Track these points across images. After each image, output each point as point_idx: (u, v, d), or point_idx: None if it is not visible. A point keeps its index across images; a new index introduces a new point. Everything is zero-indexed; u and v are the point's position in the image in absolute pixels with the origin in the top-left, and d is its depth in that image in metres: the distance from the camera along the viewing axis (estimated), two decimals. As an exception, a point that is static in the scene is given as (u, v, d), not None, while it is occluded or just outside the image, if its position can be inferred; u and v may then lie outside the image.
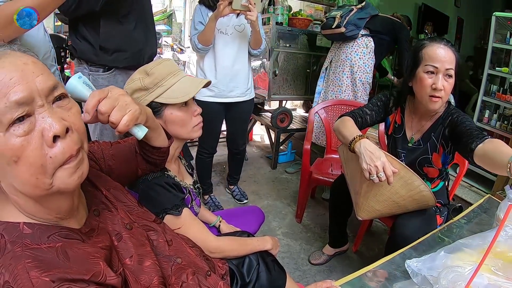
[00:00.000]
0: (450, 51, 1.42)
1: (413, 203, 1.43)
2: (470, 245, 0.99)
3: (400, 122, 1.68)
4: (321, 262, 2.21)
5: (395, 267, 1.03)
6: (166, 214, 1.14)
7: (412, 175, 1.35)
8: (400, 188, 1.38)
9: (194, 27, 2.32)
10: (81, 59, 1.74)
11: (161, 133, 1.02)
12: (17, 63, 0.57)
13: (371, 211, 1.48)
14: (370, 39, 2.94)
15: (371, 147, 1.34)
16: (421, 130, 1.60)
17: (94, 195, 0.83)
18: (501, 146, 1.16)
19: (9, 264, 0.54)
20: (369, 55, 2.95)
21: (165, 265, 0.88)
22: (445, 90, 1.42)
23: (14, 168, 0.56)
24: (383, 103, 1.71)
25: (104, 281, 0.63)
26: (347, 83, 3.05)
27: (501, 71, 2.94)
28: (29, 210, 0.62)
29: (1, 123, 0.53)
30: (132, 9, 1.75)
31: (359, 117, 1.66)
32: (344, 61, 3.02)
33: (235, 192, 3.07)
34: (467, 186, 2.95)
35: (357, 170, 1.41)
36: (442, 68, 1.40)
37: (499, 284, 0.80)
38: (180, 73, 1.22)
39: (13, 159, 0.55)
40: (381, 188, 1.39)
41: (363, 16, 2.88)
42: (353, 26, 2.87)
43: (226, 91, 2.43)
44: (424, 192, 1.38)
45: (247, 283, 1.22)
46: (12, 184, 0.59)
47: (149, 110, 0.90)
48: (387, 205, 1.44)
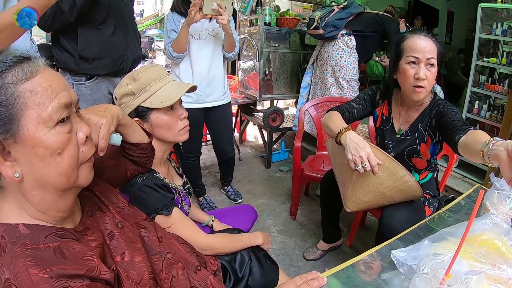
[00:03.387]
0: (431, 41, 1.45)
1: (400, 194, 1.45)
2: (454, 234, 1.00)
3: (388, 114, 1.71)
4: (316, 258, 2.23)
5: (382, 258, 1.04)
6: (156, 214, 1.16)
7: (397, 166, 1.37)
8: (386, 178, 1.40)
9: (168, 35, 2.30)
10: (64, 69, 1.76)
11: (136, 129, 1.05)
12: (57, 74, 0.68)
13: (359, 203, 1.51)
14: (351, 37, 2.96)
15: (356, 139, 1.37)
16: (409, 121, 1.63)
17: (87, 196, 0.88)
18: (479, 135, 1.17)
19: (9, 263, 0.59)
20: (351, 53, 2.99)
21: (156, 260, 0.92)
22: (427, 79, 1.45)
23: (55, 160, 0.65)
24: (370, 96, 1.75)
25: (98, 275, 0.67)
26: (331, 81, 3.11)
27: (489, 62, 2.96)
28: (40, 208, 0.68)
29: (52, 120, 0.64)
30: (109, 16, 1.77)
31: (346, 111, 1.69)
32: (327, 60, 3.09)
33: (230, 192, 3.08)
34: (459, 177, 2.97)
35: (344, 162, 1.43)
36: (423, 58, 1.43)
37: (483, 270, 0.81)
38: (167, 78, 1.24)
39: (59, 151, 0.65)
40: (367, 179, 1.41)
41: (343, 16, 2.92)
42: (332, 27, 2.91)
43: (204, 96, 2.42)
44: (410, 182, 1.39)
45: (240, 278, 1.23)
46: (42, 178, 0.66)
47: (117, 109, 0.93)
48: (374, 196, 1.46)
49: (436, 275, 0.76)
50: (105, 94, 1.88)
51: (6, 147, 0.62)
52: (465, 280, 0.75)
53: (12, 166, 0.63)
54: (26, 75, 0.62)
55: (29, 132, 0.62)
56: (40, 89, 0.62)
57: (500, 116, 2.84)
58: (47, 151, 0.64)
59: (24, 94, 0.61)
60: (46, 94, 0.63)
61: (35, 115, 0.62)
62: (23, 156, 0.63)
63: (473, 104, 3.06)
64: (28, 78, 0.62)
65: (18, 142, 0.62)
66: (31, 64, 0.63)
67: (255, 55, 3.62)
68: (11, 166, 0.63)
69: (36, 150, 0.63)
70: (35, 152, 0.63)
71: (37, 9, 1.13)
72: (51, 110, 0.63)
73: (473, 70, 3.04)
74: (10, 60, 0.62)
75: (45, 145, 0.63)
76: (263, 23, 3.50)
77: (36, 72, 0.63)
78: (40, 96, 0.62)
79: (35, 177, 0.65)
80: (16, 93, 0.60)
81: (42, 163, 0.64)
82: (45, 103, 0.62)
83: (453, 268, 0.75)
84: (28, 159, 0.63)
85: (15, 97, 0.60)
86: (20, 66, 0.62)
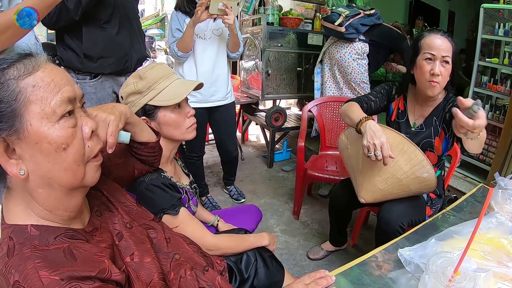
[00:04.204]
0: (447, 41, 1.52)
1: (416, 182, 1.48)
2: (461, 232, 1.01)
3: (403, 108, 1.76)
4: (320, 257, 2.24)
5: (389, 257, 1.05)
6: (164, 214, 1.16)
7: (415, 149, 1.42)
8: (404, 163, 1.44)
9: (172, 34, 2.31)
10: (68, 67, 1.76)
11: (144, 128, 1.06)
12: (59, 69, 0.68)
13: (374, 191, 1.53)
14: (366, 44, 2.96)
15: (376, 127, 1.42)
16: (423, 115, 1.68)
17: (95, 196, 0.87)
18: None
19: (18, 265, 0.58)
20: (363, 57, 2.98)
21: (164, 261, 0.92)
22: (442, 75, 1.51)
23: (60, 155, 0.65)
24: (386, 91, 1.81)
25: (109, 277, 0.67)
26: (343, 82, 3.10)
27: (491, 62, 2.96)
28: (46, 207, 0.68)
29: (55, 114, 0.63)
30: (113, 15, 1.77)
31: (364, 103, 1.76)
32: (338, 60, 3.04)
33: (233, 192, 3.08)
34: (461, 176, 2.97)
35: (362, 152, 1.46)
36: (438, 55, 1.50)
37: (489, 268, 0.82)
38: (173, 76, 1.24)
39: (63, 146, 0.64)
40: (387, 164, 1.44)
41: (366, 22, 2.92)
42: (354, 30, 2.89)
43: (208, 95, 2.43)
44: (427, 167, 1.43)
45: (245, 279, 1.24)
46: (47, 175, 0.65)
47: (125, 108, 0.94)
48: (390, 183, 1.49)
49: (445, 273, 0.77)
50: (110, 93, 1.89)
51: (10, 144, 0.62)
52: (473, 278, 0.76)
53: (17, 164, 0.63)
54: (28, 70, 0.61)
55: (33, 127, 0.61)
56: (42, 84, 0.62)
57: (502, 116, 2.84)
58: (52, 146, 0.63)
59: (26, 89, 0.60)
60: (49, 88, 0.62)
61: (38, 110, 0.61)
62: (28, 152, 0.62)
63: (475, 104, 3.06)
64: (30, 73, 0.61)
65: (22, 139, 0.61)
66: (33, 59, 0.63)
67: (257, 55, 3.63)
68: (16, 164, 0.62)
69: (41, 146, 0.62)
70: (39, 148, 0.62)
71: (43, 7, 1.13)
72: (55, 104, 0.62)
73: (475, 71, 3.05)
74: (12, 57, 0.62)
75: (49, 140, 0.62)
76: (266, 23, 3.50)
77: (38, 67, 0.63)
78: (43, 91, 0.62)
79: (41, 174, 0.65)
80: (18, 88, 0.60)
81: (47, 159, 0.64)
82: (48, 97, 0.62)
83: (461, 265, 0.76)
84: (32, 156, 0.63)
85: (17, 93, 0.59)
86: (22, 62, 0.62)
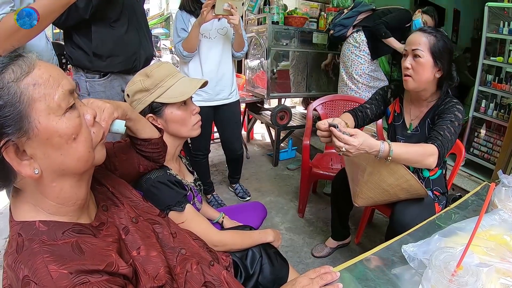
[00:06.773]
0: (422, 35, 1.51)
1: (403, 191, 1.49)
2: (464, 229, 1.01)
3: (399, 110, 1.75)
4: (324, 255, 2.25)
5: (392, 253, 1.05)
6: (170, 210, 1.18)
7: (396, 164, 1.41)
8: (387, 176, 1.45)
9: (177, 34, 2.32)
10: (77, 66, 1.78)
11: (146, 124, 1.08)
12: (52, 65, 0.68)
13: (366, 198, 1.57)
14: (360, 33, 3.04)
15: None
16: (419, 117, 1.67)
17: (101, 192, 0.89)
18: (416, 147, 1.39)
19: (27, 260, 0.59)
20: (361, 48, 3.05)
21: (170, 256, 0.93)
22: (413, 69, 1.52)
23: (71, 146, 0.67)
24: (381, 95, 1.81)
25: (117, 270, 0.68)
26: (346, 77, 3.20)
27: (496, 61, 2.96)
28: (60, 200, 0.70)
29: (61, 108, 0.65)
30: (122, 14, 1.78)
31: (359, 112, 1.76)
32: (342, 58, 3.21)
33: (238, 190, 3.10)
34: (466, 175, 2.97)
35: (353, 160, 1.47)
36: (409, 50, 1.52)
37: (492, 263, 0.83)
38: (179, 74, 1.27)
39: (73, 136, 0.67)
40: (371, 175, 1.47)
41: (350, 15, 3.04)
42: (340, 27, 3.07)
43: (213, 94, 2.46)
44: (412, 181, 1.43)
45: (250, 275, 1.25)
46: (60, 167, 0.67)
47: (125, 104, 0.96)
48: (378, 192, 1.51)
49: (448, 267, 0.78)
50: (118, 91, 1.90)
51: (20, 146, 0.62)
52: (476, 272, 0.76)
53: (30, 164, 0.63)
54: (24, 70, 0.62)
55: (42, 124, 0.62)
56: (42, 81, 0.63)
57: (507, 115, 2.83)
58: (62, 138, 0.65)
59: (28, 88, 0.61)
60: (49, 84, 0.63)
61: (43, 107, 0.62)
62: (39, 150, 0.63)
63: (480, 103, 3.06)
64: (27, 73, 0.62)
65: (32, 138, 0.62)
66: (25, 59, 0.63)
67: (262, 54, 3.64)
68: (28, 165, 0.63)
69: (52, 141, 0.64)
70: (50, 142, 0.64)
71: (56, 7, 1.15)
72: (58, 98, 0.64)
73: (480, 69, 3.04)
74: (2, 61, 0.62)
75: (59, 133, 0.64)
76: (271, 22, 3.51)
77: (33, 65, 0.63)
78: (44, 87, 0.63)
79: (54, 168, 0.66)
80: (19, 90, 0.60)
81: (59, 152, 0.65)
82: (50, 93, 0.63)
83: (464, 260, 0.77)
84: (45, 152, 0.64)
85: (19, 94, 0.60)
86: (15, 63, 0.61)
